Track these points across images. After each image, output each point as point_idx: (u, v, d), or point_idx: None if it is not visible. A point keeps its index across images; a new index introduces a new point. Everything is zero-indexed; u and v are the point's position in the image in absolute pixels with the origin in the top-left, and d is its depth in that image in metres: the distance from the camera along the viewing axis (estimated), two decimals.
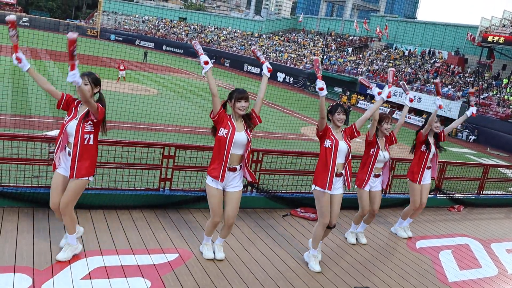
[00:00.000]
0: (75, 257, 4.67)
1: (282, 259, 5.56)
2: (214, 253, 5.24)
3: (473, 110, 7.12)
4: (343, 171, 5.34)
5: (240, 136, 4.80)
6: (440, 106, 6.59)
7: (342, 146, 5.26)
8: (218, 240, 5.28)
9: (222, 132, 4.77)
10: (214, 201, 4.91)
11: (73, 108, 4.53)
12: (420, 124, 34.29)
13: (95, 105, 4.38)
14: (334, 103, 5.43)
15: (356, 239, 6.61)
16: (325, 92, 4.94)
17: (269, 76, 4.99)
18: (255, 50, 5.18)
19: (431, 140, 6.79)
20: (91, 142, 4.51)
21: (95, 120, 4.46)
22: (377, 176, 6.33)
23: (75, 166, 4.45)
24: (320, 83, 4.89)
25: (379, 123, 6.18)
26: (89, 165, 4.53)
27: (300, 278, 5.18)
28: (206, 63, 4.71)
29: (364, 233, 6.72)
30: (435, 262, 6.35)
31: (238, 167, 4.90)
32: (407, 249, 6.66)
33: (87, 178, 4.54)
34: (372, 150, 6.22)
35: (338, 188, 5.37)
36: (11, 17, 3.98)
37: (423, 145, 6.75)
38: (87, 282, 4.31)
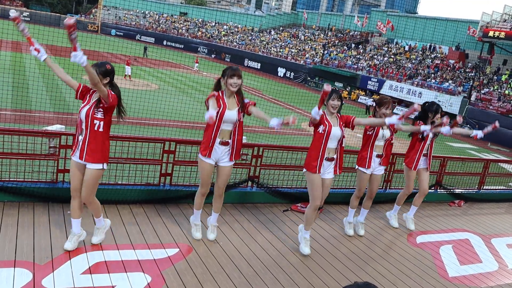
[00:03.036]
0: (76, 252, 4.68)
1: (282, 254, 5.56)
2: (208, 234, 5.43)
3: (479, 133, 6.84)
4: (334, 156, 5.42)
5: (231, 114, 4.97)
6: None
7: (336, 131, 5.31)
8: (212, 219, 5.46)
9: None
10: (204, 173, 5.16)
11: (88, 96, 4.62)
12: None
13: (104, 89, 4.42)
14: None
15: (354, 229, 6.65)
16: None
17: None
18: (293, 121, 4.38)
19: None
20: (101, 129, 4.56)
21: (106, 106, 4.50)
22: (379, 156, 6.28)
23: (85, 149, 4.55)
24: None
25: (379, 107, 6.17)
26: (99, 152, 4.59)
27: (300, 272, 5.18)
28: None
29: (364, 227, 6.73)
30: (436, 257, 6.36)
31: (230, 141, 5.09)
32: (408, 244, 6.66)
33: (101, 167, 4.63)
34: (371, 128, 6.22)
35: (329, 172, 5.47)
36: (15, 14, 4.12)
37: (420, 134, 6.74)
38: (88, 277, 4.32)
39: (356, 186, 6.52)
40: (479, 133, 6.80)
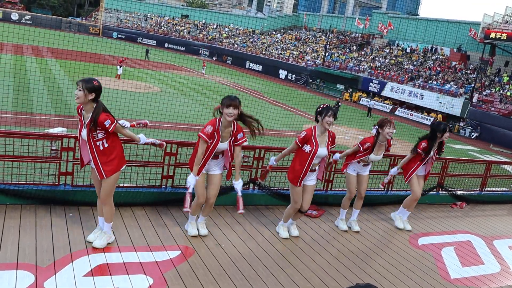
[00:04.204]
0: (77, 254, 4.69)
1: (284, 255, 5.56)
2: (198, 230, 5.65)
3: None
4: (317, 168, 5.69)
5: (222, 146, 5.24)
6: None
7: (321, 151, 5.51)
8: (200, 219, 5.66)
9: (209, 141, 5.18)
10: (197, 185, 5.32)
11: (80, 117, 4.66)
12: (422, 120, 34.33)
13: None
14: (325, 106, 5.46)
15: (350, 227, 6.80)
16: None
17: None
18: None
19: (433, 149, 6.85)
20: (106, 145, 4.64)
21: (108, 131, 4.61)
22: (365, 165, 6.61)
23: (101, 169, 4.68)
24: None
25: (381, 128, 6.25)
26: (115, 162, 4.72)
27: (301, 274, 5.18)
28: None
29: (365, 229, 6.75)
30: (438, 259, 6.35)
31: (220, 155, 5.38)
32: (409, 245, 6.65)
33: (118, 171, 4.77)
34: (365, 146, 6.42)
35: (311, 179, 5.73)
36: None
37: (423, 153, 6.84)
38: (89, 279, 4.32)
39: (346, 188, 6.74)
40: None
